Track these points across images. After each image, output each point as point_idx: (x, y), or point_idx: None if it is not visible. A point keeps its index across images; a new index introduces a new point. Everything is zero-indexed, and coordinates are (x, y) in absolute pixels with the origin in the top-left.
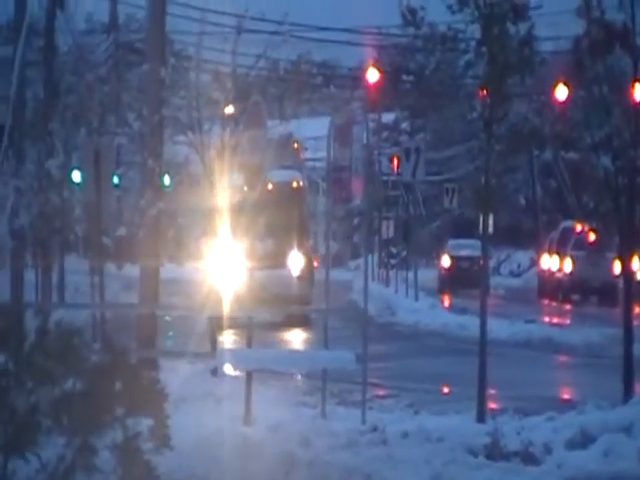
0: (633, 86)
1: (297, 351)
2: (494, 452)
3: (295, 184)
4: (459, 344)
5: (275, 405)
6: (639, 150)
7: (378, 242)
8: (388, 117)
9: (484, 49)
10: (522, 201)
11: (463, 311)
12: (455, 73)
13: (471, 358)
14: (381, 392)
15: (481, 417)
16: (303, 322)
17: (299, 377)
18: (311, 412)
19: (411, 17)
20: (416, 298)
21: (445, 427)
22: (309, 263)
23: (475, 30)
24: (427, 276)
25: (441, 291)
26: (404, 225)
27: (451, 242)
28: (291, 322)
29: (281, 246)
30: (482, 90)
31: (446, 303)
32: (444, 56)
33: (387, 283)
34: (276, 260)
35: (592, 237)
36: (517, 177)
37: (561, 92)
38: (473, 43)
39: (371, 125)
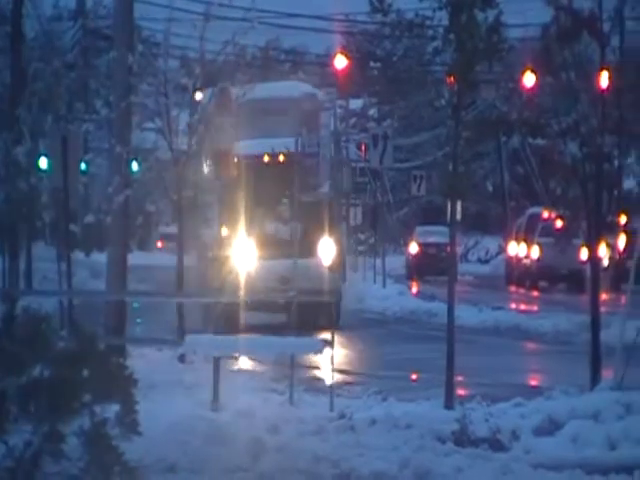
0: (600, 73)
1: (264, 337)
2: (462, 439)
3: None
4: (427, 331)
5: (243, 391)
6: (606, 137)
7: (346, 229)
8: (356, 103)
9: (452, 36)
10: (490, 188)
11: (431, 298)
12: (423, 60)
13: (439, 345)
14: (349, 379)
15: (449, 404)
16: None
17: (267, 364)
18: (279, 399)
19: (379, 4)
20: (384, 285)
21: (413, 414)
22: (341, 252)
23: (443, 17)
24: (395, 263)
25: (409, 278)
26: (372, 212)
27: (419, 229)
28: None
29: (309, 231)
30: (450, 77)
31: (414, 290)
32: (412, 43)
33: (355, 270)
34: (303, 248)
35: (559, 224)
36: (485, 164)
37: (529, 79)
38: (441, 30)
39: (339, 112)
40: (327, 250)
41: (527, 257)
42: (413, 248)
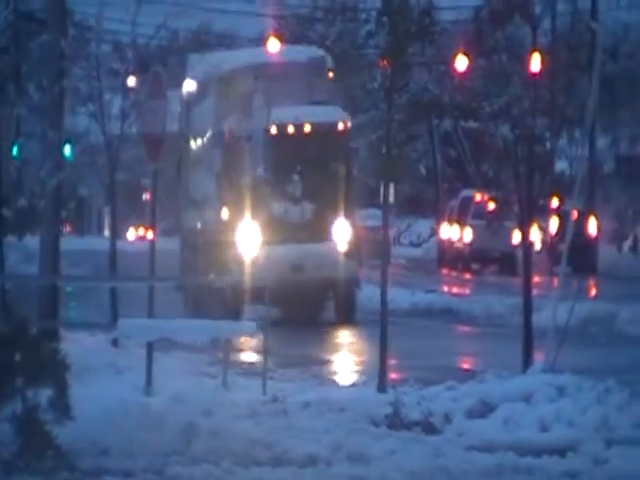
0: (532, 55)
1: (198, 321)
2: (395, 422)
3: (341, 125)
4: (360, 314)
5: (177, 375)
6: (538, 119)
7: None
8: None
9: (385, 19)
10: (423, 171)
11: (364, 281)
12: (356, 43)
13: (372, 328)
14: (282, 362)
15: (382, 387)
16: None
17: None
18: (213, 382)
19: None
20: None
21: (346, 397)
22: (357, 235)
23: (376, 0)
24: None
25: None
26: None
27: None
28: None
29: (322, 212)
30: (383, 60)
31: None
32: (345, 26)
33: None
34: (315, 231)
35: (491, 206)
36: (417, 147)
37: (461, 62)
38: (374, 13)
39: None
40: (343, 233)
41: (459, 240)
42: None
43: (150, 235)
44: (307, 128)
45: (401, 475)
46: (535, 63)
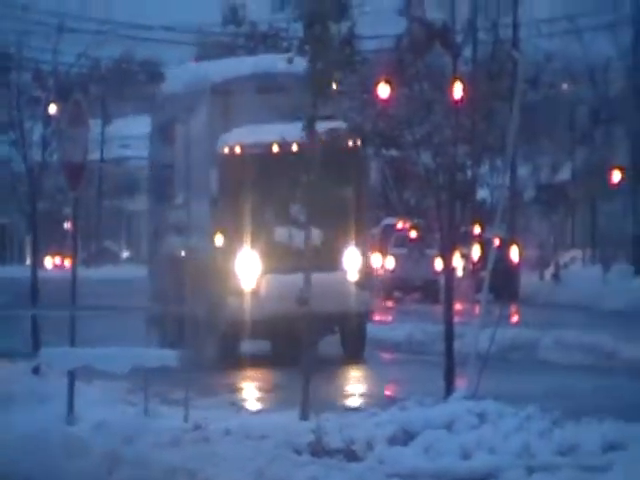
0: (453, 84)
1: (119, 349)
2: (317, 449)
3: (351, 143)
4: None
5: (98, 404)
6: (459, 147)
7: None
8: None
9: (307, 47)
10: None
11: None
12: None
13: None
14: (205, 390)
15: (304, 414)
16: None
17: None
18: (134, 410)
19: (231, 15)
20: None
21: (268, 424)
22: (368, 263)
23: (298, 29)
24: None
25: None
26: None
27: None
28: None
29: (331, 238)
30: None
31: None
32: (266, 53)
33: None
34: (324, 259)
35: (413, 234)
36: None
37: (383, 90)
38: (295, 42)
39: None
40: (353, 261)
41: (381, 268)
42: None
43: (67, 263)
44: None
45: None
46: (456, 91)
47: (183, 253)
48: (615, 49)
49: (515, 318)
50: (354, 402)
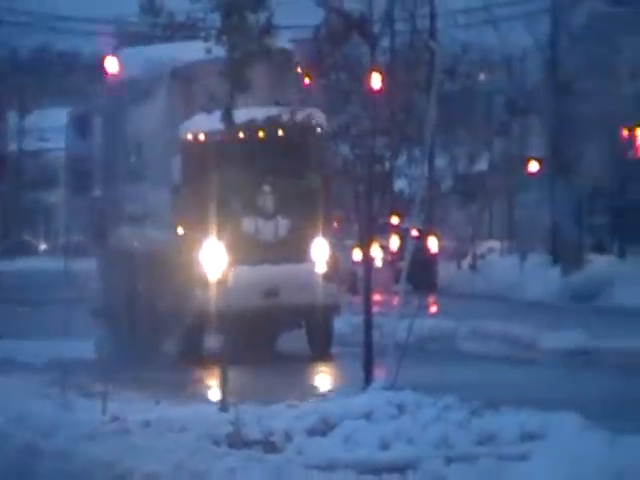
0: (370, 74)
1: (38, 342)
2: (236, 441)
3: (317, 128)
4: None
5: (17, 397)
6: (377, 138)
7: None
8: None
9: (224, 38)
10: None
11: None
12: None
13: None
14: (124, 383)
15: (224, 406)
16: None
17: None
18: (53, 403)
19: (149, 5)
20: None
21: (188, 416)
22: (335, 255)
23: (216, 19)
24: None
25: None
26: None
27: None
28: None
29: (298, 228)
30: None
31: None
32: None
33: None
34: (291, 250)
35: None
36: None
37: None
38: (213, 31)
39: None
40: (321, 253)
41: None
42: None
43: None
44: (279, 131)
45: None
46: (374, 82)
47: (138, 244)
48: (532, 39)
49: (433, 308)
50: (273, 393)
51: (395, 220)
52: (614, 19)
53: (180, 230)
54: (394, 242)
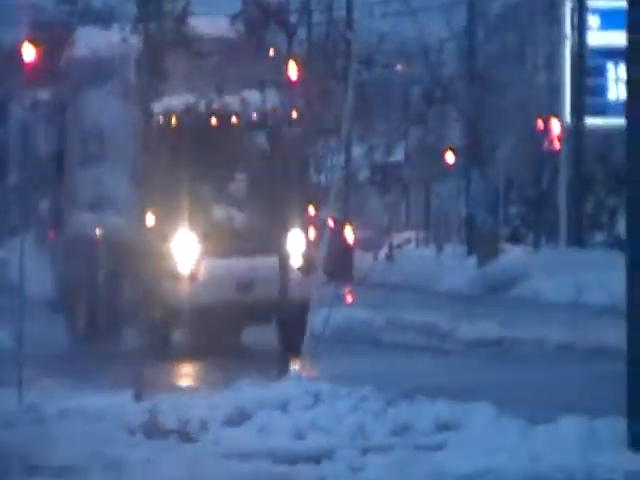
0: (288, 64)
1: None
2: (152, 430)
3: (292, 114)
4: None
5: None
6: (294, 128)
7: (36, 220)
8: (46, 94)
9: (140, 26)
10: None
11: None
12: None
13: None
14: (38, 371)
15: (139, 396)
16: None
17: None
18: None
19: None
20: None
21: (103, 406)
22: (311, 247)
23: (132, 8)
24: None
25: None
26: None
27: None
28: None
29: (273, 219)
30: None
31: None
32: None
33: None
34: (265, 241)
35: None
36: None
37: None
38: (130, 20)
39: (29, 102)
40: (297, 245)
41: None
42: None
43: None
44: (253, 116)
45: None
46: (291, 72)
47: (99, 232)
48: (449, 30)
49: (349, 299)
50: (189, 383)
51: (311, 210)
52: (529, 8)
53: (146, 219)
54: (310, 232)
